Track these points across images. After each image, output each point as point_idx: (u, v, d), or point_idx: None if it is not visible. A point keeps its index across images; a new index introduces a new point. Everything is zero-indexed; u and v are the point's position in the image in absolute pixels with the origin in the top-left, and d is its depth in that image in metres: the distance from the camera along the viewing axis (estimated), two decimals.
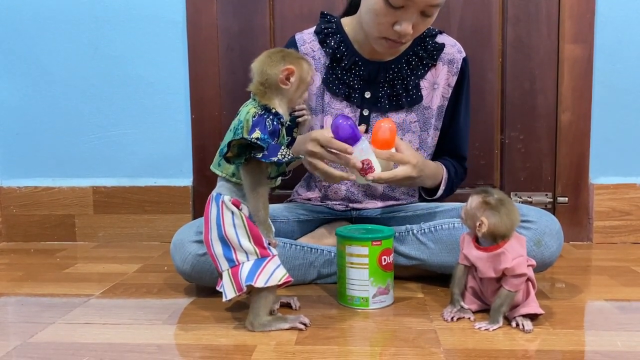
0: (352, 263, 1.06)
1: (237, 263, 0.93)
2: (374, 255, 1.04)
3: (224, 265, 0.94)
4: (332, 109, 1.29)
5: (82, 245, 1.71)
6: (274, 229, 0.97)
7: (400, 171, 1.11)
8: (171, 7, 1.69)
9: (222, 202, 0.94)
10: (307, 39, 1.32)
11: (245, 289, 0.92)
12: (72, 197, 1.74)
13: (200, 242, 1.12)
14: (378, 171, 1.08)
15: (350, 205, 1.34)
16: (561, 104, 1.65)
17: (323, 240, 1.28)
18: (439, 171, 1.27)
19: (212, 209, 0.95)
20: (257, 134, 0.89)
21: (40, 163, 1.77)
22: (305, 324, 0.96)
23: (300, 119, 1.01)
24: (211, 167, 0.98)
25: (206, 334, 0.95)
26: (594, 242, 1.67)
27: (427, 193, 1.34)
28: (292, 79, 0.94)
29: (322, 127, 1.29)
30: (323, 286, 1.22)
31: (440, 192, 1.29)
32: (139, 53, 1.71)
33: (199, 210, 1.71)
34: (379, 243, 1.05)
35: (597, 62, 1.64)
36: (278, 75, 0.93)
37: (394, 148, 1.11)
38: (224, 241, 0.94)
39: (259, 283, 0.91)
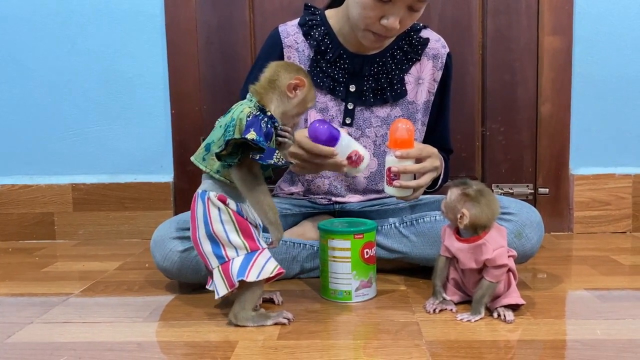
0: (334, 257, 1.05)
1: (227, 259, 0.92)
2: (356, 248, 1.04)
3: (213, 262, 0.93)
4: (316, 102, 1.28)
5: (62, 244, 1.68)
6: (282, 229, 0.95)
7: (428, 163, 1.12)
8: (149, 1, 1.66)
9: (208, 198, 0.93)
10: (290, 31, 1.30)
11: (237, 284, 0.91)
12: (51, 195, 1.71)
13: (180, 238, 1.11)
14: (366, 157, 1.09)
15: (333, 199, 1.33)
16: (541, 95, 1.66)
17: (306, 235, 1.28)
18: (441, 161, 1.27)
19: (198, 207, 0.94)
20: (252, 134, 0.87)
21: (17, 160, 1.73)
22: (288, 319, 0.95)
23: (280, 139, 0.95)
24: (192, 158, 0.96)
25: (188, 330, 0.94)
26: (575, 232, 1.69)
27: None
28: (298, 92, 0.93)
29: (306, 120, 1.28)
30: (306, 280, 1.21)
31: (440, 181, 1.29)
32: (117, 47, 1.68)
33: (180, 206, 1.70)
34: (361, 236, 1.04)
35: (576, 53, 1.65)
36: (288, 81, 0.93)
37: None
38: (213, 238, 0.93)
39: (251, 277, 0.91)
